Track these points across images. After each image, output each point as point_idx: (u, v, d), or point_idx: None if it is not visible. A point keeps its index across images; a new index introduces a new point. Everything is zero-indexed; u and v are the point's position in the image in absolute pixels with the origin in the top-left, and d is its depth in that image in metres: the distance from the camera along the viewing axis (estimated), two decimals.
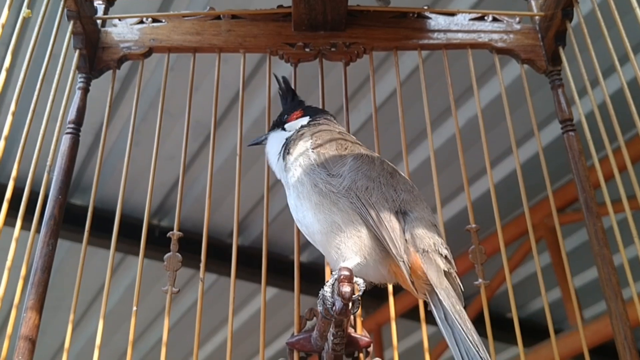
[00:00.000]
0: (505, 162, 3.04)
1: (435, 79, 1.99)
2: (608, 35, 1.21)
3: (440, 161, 1.33)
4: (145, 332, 4.25)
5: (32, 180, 1.12)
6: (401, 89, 1.41)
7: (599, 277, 1.17)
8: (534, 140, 1.12)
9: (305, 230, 1.07)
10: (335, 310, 0.91)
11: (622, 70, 1.18)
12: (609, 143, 1.18)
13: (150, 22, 1.43)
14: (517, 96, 1.66)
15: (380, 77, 2.61)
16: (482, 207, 1.34)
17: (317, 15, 1.38)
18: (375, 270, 0.99)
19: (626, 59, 1.17)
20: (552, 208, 1.28)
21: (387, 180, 1.04)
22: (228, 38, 1.42)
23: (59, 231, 1.16)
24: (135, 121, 1.33)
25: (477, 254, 1.21)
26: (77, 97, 1.31)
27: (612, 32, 1.21)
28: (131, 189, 2.96)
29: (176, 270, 1.18)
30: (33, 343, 1.04)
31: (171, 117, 1.34)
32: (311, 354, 1.14)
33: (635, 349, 1.10)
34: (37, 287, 1.09)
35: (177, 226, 1.22)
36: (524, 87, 1.38)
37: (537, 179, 1.22)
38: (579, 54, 1.29)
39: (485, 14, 1.45)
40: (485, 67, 2.44)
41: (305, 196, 1.03)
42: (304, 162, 1.06)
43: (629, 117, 1.12)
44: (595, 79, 1.24)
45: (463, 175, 1.29)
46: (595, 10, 1.25)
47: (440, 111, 2.72)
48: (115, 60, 1.38)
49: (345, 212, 0.99)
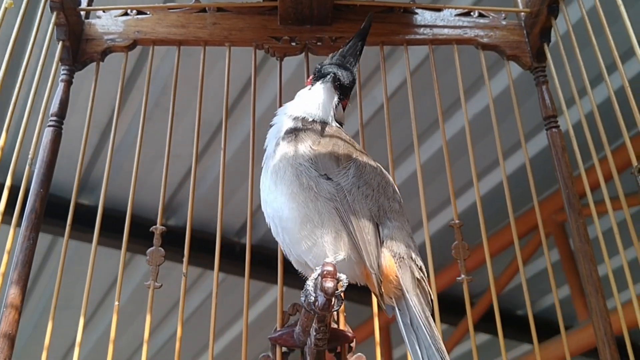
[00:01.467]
0: (514, 157, 3.02)
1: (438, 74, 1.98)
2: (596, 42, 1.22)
3: (450, 155, 1.34)
4: (157, 328, 4.27)
5: (14, 173, 1.11)
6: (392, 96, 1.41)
7: (580, 273, 1.19)
8: (542, 135, 1.13)
9: (271, 212, 1.05)
10: (317, 306, 0.91)
11: (609, 78, 1.18)
12: (595, 153, 1.18)
13: (135, 14, 1.42)
14: (526, 87, 1.65)
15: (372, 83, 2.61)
16: (490, 203, 1.33)
17: (303, 9, 1.38)
18: (350, 269, 0.99)
19: (614, 68, 1.16)
20: (567, 200, 1.26)
21: (381, 191, 1.04)
22: (213, 31, 1.41)
23: (40, 225, 1.15)
24: (145, 118, 1.32)
25: (460, 249, 1.22)
26: (59, 90, 1.30)
27: (600, 39, 1.22)
28: (137, 187, 2.92)
29: (159, 265, 1.18)
30: (12, 339, 1.03)
31: (175, 115, 1.33)
32: (294, 349, 1.15)
33: (614, 344, 1.11)
34: (17, 282, 1.08)
35: (160, 221, 1.22)
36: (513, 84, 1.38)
37: (545, 172, 1.22)
38: (567, 63, 1.29)
39: (472, 9, 1.45)
40: (490, 62, 2.42)
41: (283, 182, 1.02)
42: (293, 156, 1.05)
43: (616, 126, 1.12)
44: (582, 87, 1.24)
45: (472, 171, 1.30)
46: (584, 18, 1.25)
47: (454, 100, 2.70)
48: (99, 52, 1.37)
49: (324, 209, 0.99)
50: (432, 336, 0.94)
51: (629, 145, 1.09)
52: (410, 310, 0.96)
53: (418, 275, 1.00)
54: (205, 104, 1.38)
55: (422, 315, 0.95)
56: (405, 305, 0.97)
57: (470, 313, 1.18)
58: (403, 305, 0.98)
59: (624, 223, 1.11)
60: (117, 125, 1.28)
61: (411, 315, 0.96)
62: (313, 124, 1.11)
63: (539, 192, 1.29)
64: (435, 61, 1.41)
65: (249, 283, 1.20)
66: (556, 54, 1.34)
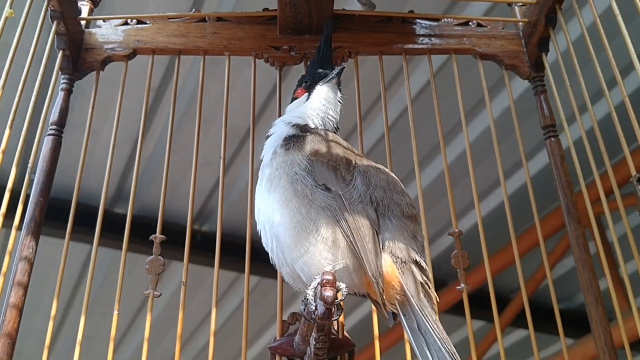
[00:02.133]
0: (538, 157, 3.01)
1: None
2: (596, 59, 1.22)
3: (476, 154, 1.34)
4: (191, 337, 4.32)
5: (14, 181, 1.11)
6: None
7: (580, 282, 1.19)
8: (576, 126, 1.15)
9: (263, 219, 1.04)
10: (317, 315, 0.91)
11: (609, 93, 1.18)
12: (596, 168, 1.19)
13: (135, 23, 1.42)
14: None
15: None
16: (521, 201, 1.32)
17: (302, 19, 1.38)
18: (349, 278, 0.98)
19: (614, 83, 1.16)
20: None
21: (384, 192, 1.04)
22: (213, 40, 1.41)
23: (39, 233, 1.15)
24: (173, 128, 1.33)
25: (459, 259, 1.21)
26: (59, 99, 1.30)
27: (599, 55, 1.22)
28: (171, 195, 2.98)
29: (158, 274, 1.17)
30: (12, 345, 1.03)
31: (204, 122, 1.33)
32: (293, 358, 1.14)
33: (615, 355, 1.11)
34: (17, 289, 1.08)
35: (159, 230, 1.22)
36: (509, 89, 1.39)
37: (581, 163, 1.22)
38: (567, 80, 1.29)
39: (470, 19, 1.46)
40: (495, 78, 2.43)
41: (277, 189, 1.02)
42: (290, 164, 1.04)
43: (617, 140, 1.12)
44: (583, 104, 1.24)
45: (499, 171, 1.30)
46: (584, 33, 1.25)
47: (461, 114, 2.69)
48: (99, 61, 1.37)
49: (320, 217, 0.98)
50: (441, 339, 0.93)
51: (629, 158, 1.09)
52: (416, 315, 0.96)
53: (421, 279, 0.99)
54: (234, 111, 1.38)
55: (429, 318, 0.95)
56: (411, 310, 0.97)
57: (470, 322, 1.18)
58: (408, 311, 0.97)
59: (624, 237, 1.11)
60: (147, 135, 1.29)
61: (418, 319, 0.96)
62: (311, 132, 1.12)
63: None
64: (444, 75, 1.41)
65: (281, 287, 1.20)
66: (556, 70, 1.35)
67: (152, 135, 2.91)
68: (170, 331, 3.70)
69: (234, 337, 3.44)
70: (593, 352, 1.29)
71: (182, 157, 2.17)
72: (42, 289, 3.55)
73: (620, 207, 1.11)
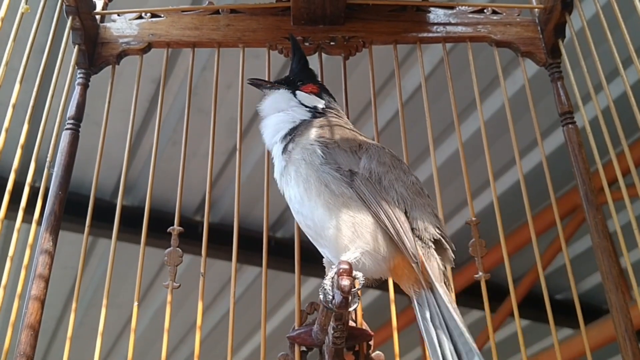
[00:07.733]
0: (553, 136, 3.01)
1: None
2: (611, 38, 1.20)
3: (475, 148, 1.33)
4: (212, 332, 4.35)
5: (33, 175, 1.12)
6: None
7: (600, 270, 1.18)
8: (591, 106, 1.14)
9: (310, 223, 1.05)
10: (334, 304, 0.91)
11: (625, 73, 1.17)
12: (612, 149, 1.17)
13: (149, 17, 1.43)
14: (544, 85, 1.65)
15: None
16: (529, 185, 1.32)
17: (316, 9, 1.38)
18: (377, 265, 0.99)
19: (630, 62, 1.15)
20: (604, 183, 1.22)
21: (400, 177, 1.04)
22: (227, 32, 1.42)
23: (59, 227, 1.16)
24: (188, 123, 1.33)
25: (477, 247, 1.21)
26: (76, 93, 1.31)
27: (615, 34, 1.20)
28: (172, 186, 3.01)
29: (177, 265, 1.18)
30: (35, 336, 1.05)
31: (206, 115, 1.34)
32: (312, 347, 1.15)
33: (635, 341, 1.10)
34: (38, 282, 1.09)
35: (177, 222, 1.22)
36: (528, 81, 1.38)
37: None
38: (582, 59, 1.28)
39: (485, 6, 1.45)
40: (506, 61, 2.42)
41: (314, 192, 1.02)
42: (311, 158, 1.05)
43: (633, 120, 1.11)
44: (599, 83, 1.23)
45: (515, 150, 1.29)
46: (599, 13, 1.24)
47: (471, 100, 2.70)
48: (115, 55, 1.38)
49: (357, 210, 0.98)
50: (462, 326, 0.93)
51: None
52: (439, 301, 0.96)
53: (442, 266, 1.00)
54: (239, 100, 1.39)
55: (450, 306, 0.95)
56: (433, 295, 0.96)
57: (489, 311, 1.17)
58: (428, 297, 0.97)
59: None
60: (148, 129, 1.30)
61: (440, 305, 0.95)
62: (319, 118, 1.16)
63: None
64: (451, 61, 1.40)
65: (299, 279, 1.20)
66: (571, 50, 1.33)
67: (152, 130, 2.90)
68: (173, 322, 3.71)
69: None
70: (597, 340, 1.29)
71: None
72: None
73: (637, 185, 1.09)
